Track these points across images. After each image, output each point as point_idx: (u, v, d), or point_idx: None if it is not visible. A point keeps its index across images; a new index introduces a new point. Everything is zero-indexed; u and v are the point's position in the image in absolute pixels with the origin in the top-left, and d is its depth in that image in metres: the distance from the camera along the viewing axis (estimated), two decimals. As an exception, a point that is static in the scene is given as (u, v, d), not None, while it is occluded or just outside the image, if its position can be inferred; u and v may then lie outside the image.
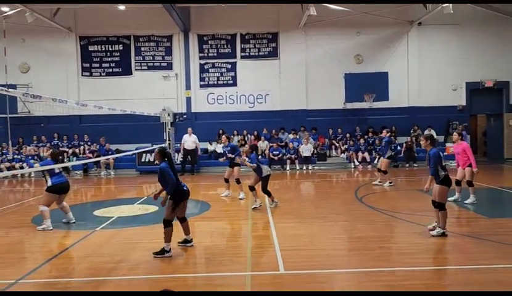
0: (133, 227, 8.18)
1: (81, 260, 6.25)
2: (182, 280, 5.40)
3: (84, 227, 8.25)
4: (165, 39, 19.97)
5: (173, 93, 20.03)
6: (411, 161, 18.24)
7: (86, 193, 13.53)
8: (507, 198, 11.02)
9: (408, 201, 10.57)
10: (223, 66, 20.09)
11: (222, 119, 19.62)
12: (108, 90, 19.45)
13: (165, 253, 6.15)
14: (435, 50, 19.98)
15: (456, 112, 20.09)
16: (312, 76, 20.00)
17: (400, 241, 7.04)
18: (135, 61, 19.99)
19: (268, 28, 19.95)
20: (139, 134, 18.99)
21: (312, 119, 19.89)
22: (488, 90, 20.18)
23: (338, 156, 19.03)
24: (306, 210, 9.52)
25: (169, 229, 6.21)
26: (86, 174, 18.02)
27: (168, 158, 6.40)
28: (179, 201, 6.31)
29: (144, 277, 5.49)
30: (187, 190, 6.46)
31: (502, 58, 19.92)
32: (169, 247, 6.19)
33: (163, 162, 6.34)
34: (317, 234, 7.42)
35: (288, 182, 14.78)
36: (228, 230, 8.06)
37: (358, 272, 5.51)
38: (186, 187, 6.49)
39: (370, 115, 19.90)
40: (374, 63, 19.95)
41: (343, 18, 18.87)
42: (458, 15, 18.55)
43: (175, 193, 6.26)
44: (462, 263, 5.88)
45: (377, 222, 8.20)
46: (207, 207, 9.89)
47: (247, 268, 5.67)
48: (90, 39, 19.88)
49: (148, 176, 16.75)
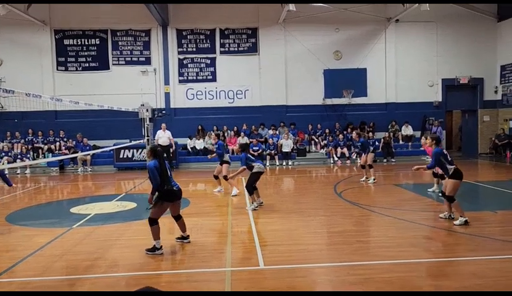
0: (111, 225, 8.06)
1: (56, 258, 6.11)
2: (161, 277, 5.35)
3: (60, 224, 8.09)
4: (143, 33, 19.68)
5: (152, 88, 19.78)
6: (388, 157, 18.55)
7: (62, 191, 13.25)
8: (481, 192, 11.33)
9: (385, 195, 10.74)
10: (202, 61, 19.94)
11: (201, 115, 19.52)
12: (85, 85, 19.08)
13: (156, 251, 6.08)
14: (412, 47, 20.32)
15: (433, 108, 20.50)
16: (291, 71, 20.07)
17: (378, 235, 7.15)
18: (112, 56, 19.63)
19: (247, 24, 19.89)
20: (117, 130, 18.70)
21: (292, 114, 19.99)
22: (463, 87, 20.66)
23: (318, 152, 19.19)
24: (286, 205, 9.56)
25: (154, 227, 6.12)
26: (62, 170, 17.66)
27: (159, 157, 6.25)
28: (165, 200, 6.20)
29: (122, 275, 5.41)
30: (177, 190, 6.32)
31: (476, 55, 20.40)
32: (159, 244, 6.12)
33: (152, 160, 6.23)
34: (297, 229, 7.46)
35: (268, 178, 14.81)
36: (208, 227, 8.03)
37: (337, 266, 5.56)
38: (177, 187, 6.36)
39: (349, 110, 20.12)
40: (353, 60, 20.15)
41: (323, 14, 18.99)
42: (435, 12, 18.89)
43: (163, 193, 6.17)
44: (438, 255, 6.02)
45: (355, 216, 8.31)
46: (186, 203, 9.82)
47: (226, 264, 5.66)
48: (66, 32, 19.41)
49: (126, 173, 16.54)
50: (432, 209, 8.59)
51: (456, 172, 7.38)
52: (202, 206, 9.79)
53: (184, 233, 6.67)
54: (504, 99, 20.24)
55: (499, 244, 6.30)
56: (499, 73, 20.44)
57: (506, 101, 20.17)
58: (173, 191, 6.23)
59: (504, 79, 20.23)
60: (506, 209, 8.65)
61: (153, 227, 6.13)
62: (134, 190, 12.58)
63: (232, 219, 8.30)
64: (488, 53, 20.49)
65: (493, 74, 20.60)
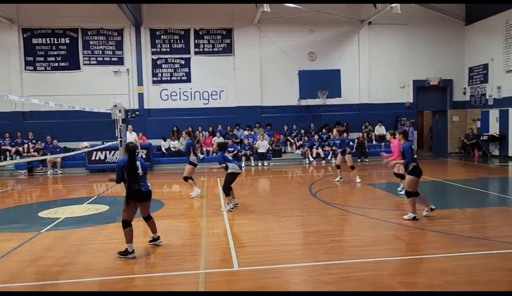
0: (82, 228, 7.86)
1: (24, 264, 5.91)
2: (134, 281, 5.25)
3: (28, 229, 7.83)
4: (115, 33, 19.32)
5: (125, 89, 19.44)
6: (362, 157, 18.82)
7: (30, 194, 12.84)
8: (450, 190, 11.64)
9: (359, 195, 10.91)
10: (177, 62, 19.74)
11: (176, 116, 19.31)
12: (55, 86, 18.56)
13: (128, 255, 5.95)
14: (385, 49, 20.71)
15: (404, 109, 20.96)
16: (267, 72, 20.12)
17: (351, 234, 7.24)
18: (83, 56, 19.18)
19: (222, 24, 19.81)
20: (88, 131, 18.24)
21: (267, 115, 20.04)
22: (434, 88, 21.21)
23: (293, 153, 19.30)
24: (261, 206, 9.56)
25: (127, 230, 6.00)
26: (31, 173, 17.10)
27: (130, 154, 6.13)
28: (129, 200, 6.07)
29: (94, 280, 5.28)
30: (144, 191, 6.15)
31: (446, 57, 20.97)
32: (131, 248, 5.99)
33: (124, 157, 6.19)
34: (272, 229, 7.47)
35: (243, 179, 14.78)
36: (182, 229, 7.94)
37: (311, 266, 5.60)
38: (146, 188, 6.20)
39: (324, 111, 20.32)
40: (327, 61, 20.36)
41: (297, 16, 19.12)
42: (406, 15, 19.32)
43: (130, 192, 6.06)
44: (408, 253, 6.14)
45: (330, 216, 8.40)
46: (160, 205, 9.69)
47: (200, 266, 5.60)
48: (34, 31, 18.84)
49: (98, 175, 16.18)
50: (403, 208, 8.74)
51: (414, 169, 7.71)
52: (176, 208, 9.67)
53: (154, 234, 6.58)
54: (472, 100, 20.89)
55: (468, 241, 6.46)
56: (468, 74, 21.08)
57: (474, 102, 20.81)
58: (140, 191, 6.09)
59: (472, 80, 20.88)
60: (474, 207, 8.92)
61: (126, 230, 6.01)
62: (106, 192, 12.31)
63: (207, 221, 8.23)
64: (457, 55, 21.10)
65: (461, 75, 21.24)
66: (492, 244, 6.27)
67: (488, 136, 19.31)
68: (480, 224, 7.68)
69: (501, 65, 18.79)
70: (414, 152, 7.92)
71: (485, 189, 11.77)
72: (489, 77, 19.62)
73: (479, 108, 20.43)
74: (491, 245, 6.22)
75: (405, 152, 7.78)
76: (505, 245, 6.18)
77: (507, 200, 9.92)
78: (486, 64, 19.72)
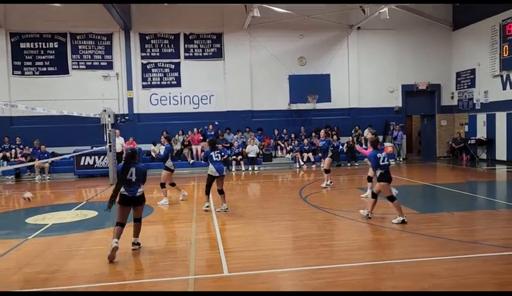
0: (70, 234, 7.77)
1: (11, 271, 5.82)
2: (124, 288, 5.19)
3: (15, 235, 7.72)
4: (105, 37, 19.21)
5: (114, 93, 19.32)
6: (352, 161, 18.92)
7: (18, 200, 12.66)
8: (439, 194, 11.74)
9: (349, 199, 10.94)
10: (166, 66, 19.69)
11: (166, 121, 19.21)
12: (43, 90, 18.38)
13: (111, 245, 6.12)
14: (374, 54, 20.90)
15: (393, 113, 21.13)
16: (257, 77, 20.16)
17: (341, 238, 7.27)
18: (72, 60, 19.03)
19: (212, 29, 19.83)
20: (77, 136, 18.08)
21: (257, 120, 20.06)
22: (422, 93, 21.43)
23: (284, 157, 19.32)
24: (251, 211, 9.54)
25: (116, 227, 6.26)
26: (19, 179, 16.87)
27: (124, 161, 6.47)
28: (119, 203, 6.31)
29: (82, 287, 5.21)
30: (130, 196, 6.33)
31: (434, 62, 21.23)
32: (116, 243, 6.07)
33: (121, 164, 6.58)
34: (262, 234, 7.46)
35: (233, 183, 14.77)
36: (172, 234, 7.89)
37: (301, 270, 5.59)
38: (132, 194, 6.33)
39: (314, 115, 20.40)
40: (317, 66, 20.48)
41: (287, 20, 19.20)
42: (394, 20, 19.49)
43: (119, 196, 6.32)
44: (397, 256, 6.16)
45: (320, 220, 8.41)
46: (150, 211, 9.62)
47: (190, 272, 5.57)
48: (22, 35, 18.65)
49: (87, 180, 16.03)
50: (391, 212, 8.79)
51: (381, 176, 7.90)
52: (165, 213, 9.62)
53: (134, 238, 6.61)
54: (460, 104, 21.15)
55: (456, 244, 6.52)
56: (455, 79, 21.35)
57: (461, 106, 21.07)
58: (125, 197, 6.33)
59: (459, 85, 21.14)
60: (462, 211, 9.01)
61: (116, 228, 6.25)
62: (95, 198, 12.20)
63: (196, 226, 8.20)
64: (445, 60, 21.37)
65: (449, 80, 21.50)
66: (480, 247, 6.34)
67: (476, 140, 19.55)
68: (468, 228, 7.75)
69: (488, 69, 19.06)
70: (386, 159, 8.02)
71: (473, 193, 11.90)
72: (476, 82, 19.89)
73: (467, 113, 20.69)
74: (479, 248, 6.28)
75: (370, 160, 8.14)
76: (492, 248, 6.25)
77: (495, 203, 10.05)
78: (473, 69, 19.99)
